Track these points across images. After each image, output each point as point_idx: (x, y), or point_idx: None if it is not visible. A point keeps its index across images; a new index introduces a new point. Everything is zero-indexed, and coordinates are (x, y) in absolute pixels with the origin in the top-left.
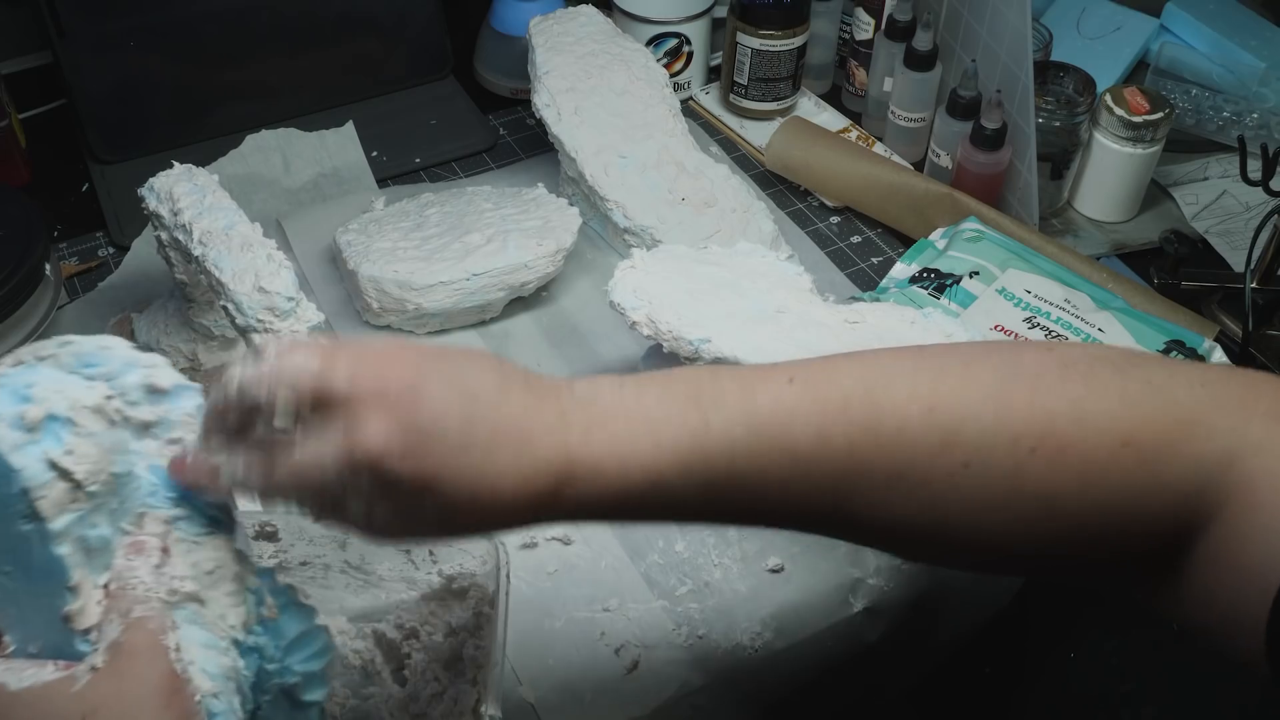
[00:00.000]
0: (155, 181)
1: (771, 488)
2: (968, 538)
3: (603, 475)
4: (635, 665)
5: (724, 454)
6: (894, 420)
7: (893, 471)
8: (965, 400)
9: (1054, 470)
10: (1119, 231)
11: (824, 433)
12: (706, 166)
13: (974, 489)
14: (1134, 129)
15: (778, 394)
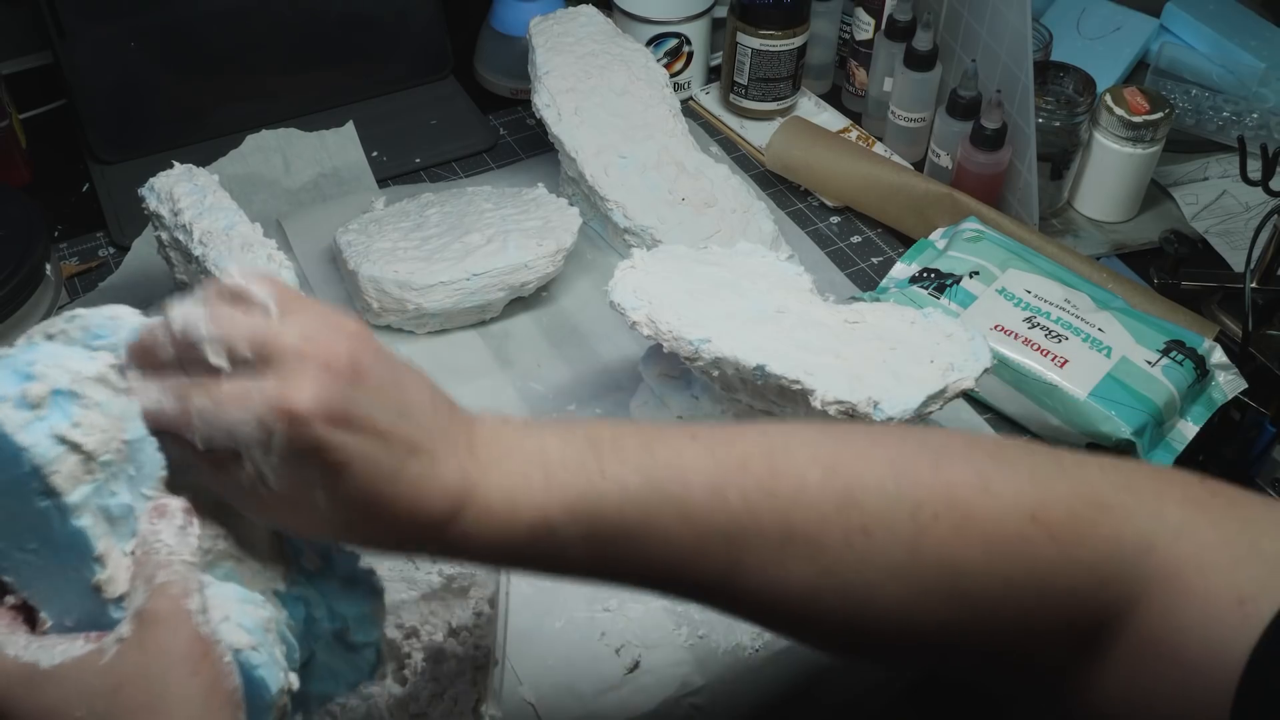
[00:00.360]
0: (155, 181)
1: (660, 542)
2: (865, 610)
3: (492, 512)
4: (635, 665)
5: (614, 503)
6: (792, 480)
7: (787, 532)
8: (867, 466)
9: (957, 539)
10: (1119, 231)
11: (719, 488)
12: (706, 166)
13: (873, 555)
14: (1134, 129)
15: (678, 448)
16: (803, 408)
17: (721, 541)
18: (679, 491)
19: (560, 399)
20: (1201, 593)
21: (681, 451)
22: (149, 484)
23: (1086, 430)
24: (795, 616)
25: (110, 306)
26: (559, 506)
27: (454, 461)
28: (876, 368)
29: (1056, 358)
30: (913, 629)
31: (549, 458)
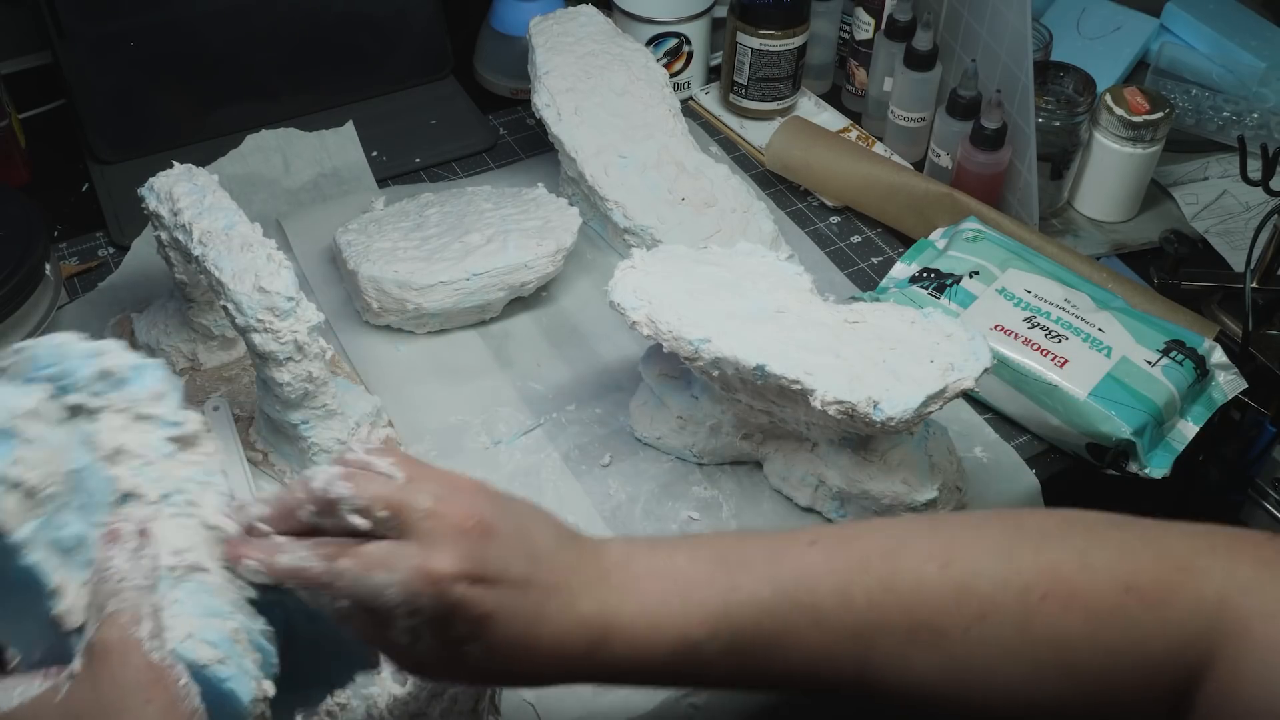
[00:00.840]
0: (155, 181)
1: (796, 648)
2: (986, 693)
3: (636, 637)
4: None
5: (751, 615)
6: (911, 576)
7: (912, 626)
8: (977, 555)
9: (1064, 616)
10: (1119, 231)
11: (845, 591)
12: (706, 166)
13: (989, 639)
14: (1134, 129)
15: (801, 556)
16: (802, 408)
17: (851, 641)
18: (808, 599)
19: (560, 399)
20: (1264, 640)
21: (805, 558)
22: (100, 510)
23: (1086, 430)
24: (923, 702)
25: (56, 335)
26: (699, 625)
27: (590, 594)
28: (876, 368)
29: (1056, 358)
30: (1029, 704)
31: (681, 577)
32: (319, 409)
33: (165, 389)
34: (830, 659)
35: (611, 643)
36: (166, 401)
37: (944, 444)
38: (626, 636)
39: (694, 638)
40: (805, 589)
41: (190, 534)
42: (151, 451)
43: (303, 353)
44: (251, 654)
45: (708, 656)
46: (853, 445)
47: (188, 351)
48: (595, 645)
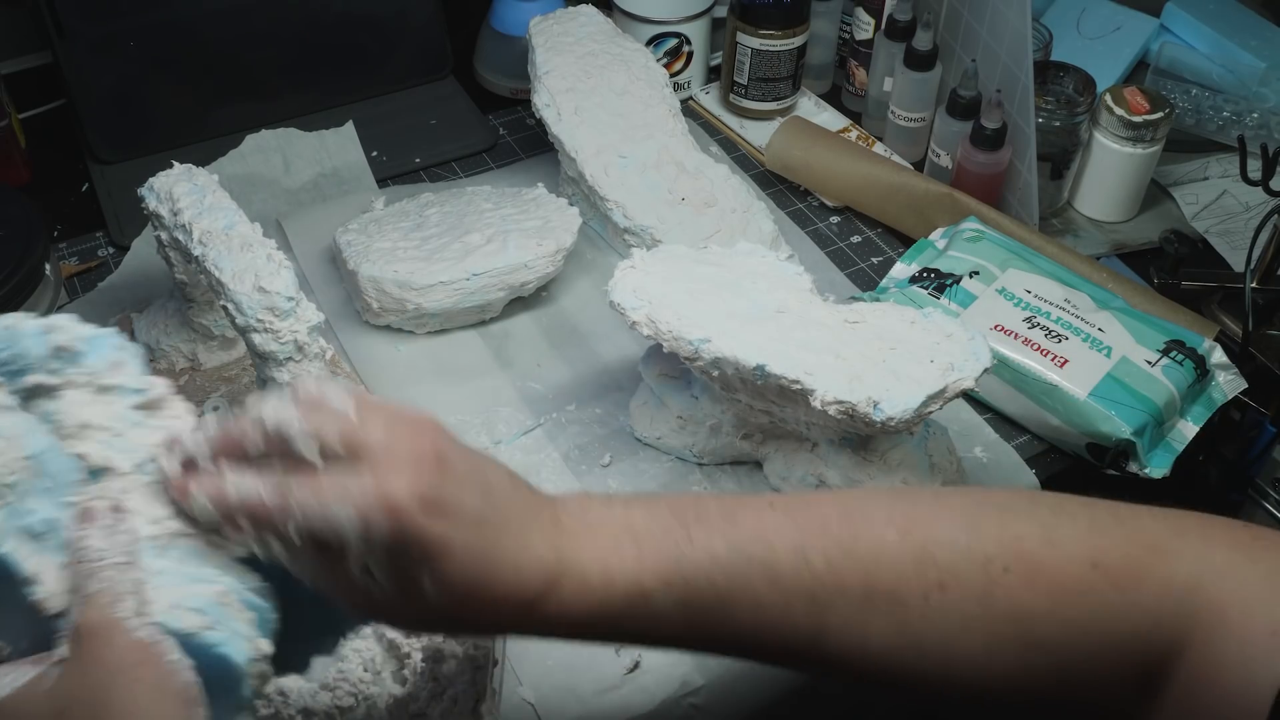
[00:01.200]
0: (155, 181)
1: (750, 606)
2: (943, 665)
3: (588, 584)
4: (635, 665)
5: (705, 568)
6: (870, 540)
7: (869, 591)
8: (940, 524)
9: (1027, 590)
10: (1119, 231)
11: (802, 551)
12: (706, 166)
13: (948, 609)
14: (1134, 129)
15: (759, 515)
16: (802, 408)
17: (807, 602)
18: (764, 555)
19: (560, 399)
20: (1240, 627)
21: (762, 518)
22: (67, 491)
23: (1086, 430)
24: (878, 673)
25: (5, 317)
26: (653, 575)
27: (543, 537)
28: (876, 368)
29: (1056, 358)
30: (988, 680)
31: (637, 528)
32: None
33: (123, 357)
34: (785, 621)
35: (563, 588)
36: (127, 370)
37: (944, 444)
38: (579, 582)
39: (647, 587)
40: (762, 546)
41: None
42: (119, 422)
43: (303, 353)
44: (243, 614)
45: (660, 609)
46: (853, 445)
47: (188, 351)
48: (547, 589)
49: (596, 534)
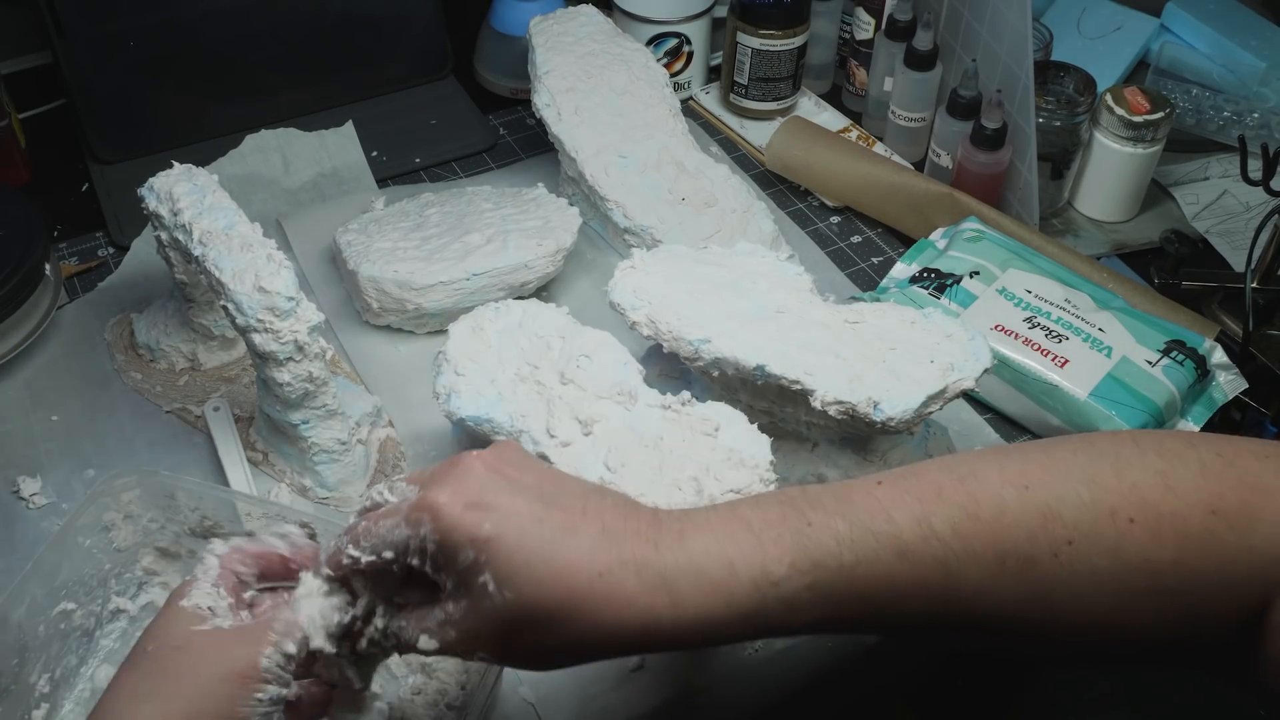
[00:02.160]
0: (155, 181)
1: (882, 581)
2: (1074, 618)
3: (707, 577)
4: (636, 665)
5: (830, 550)
6: (991, 502)
7: (999, 553)
8: (1055, 479)
9: (1153, 540)
10: (1119, 231)
11: (925, 521)
12: (706, 166)
13: (1078, 565)
14: (1134, 129)
15: (870, 492)
16: (802, 408)
17: (939, 572)
18: (888, 529)
19: None
20: None
21: (875, 494)
22: None
23: (1087, 430)
24: (1008, 634)
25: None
26: (777, 561)
27: (640, 538)
28: (876, 368)
29: (1057, 358)
30: (1117, 631)
31: (749, 519)
32: (319, 409)
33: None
34: (918, 593)
35: (678, 587)
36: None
37: (944, 444)
38: (697, 577)
39: (774, 574)
40: (884, 520)
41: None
42: None
43: (303, 353)
44: None
45: (790, 594)
46: (853, 445)
47: (188, 351)
48: (655, 589)
49: (705, 530)
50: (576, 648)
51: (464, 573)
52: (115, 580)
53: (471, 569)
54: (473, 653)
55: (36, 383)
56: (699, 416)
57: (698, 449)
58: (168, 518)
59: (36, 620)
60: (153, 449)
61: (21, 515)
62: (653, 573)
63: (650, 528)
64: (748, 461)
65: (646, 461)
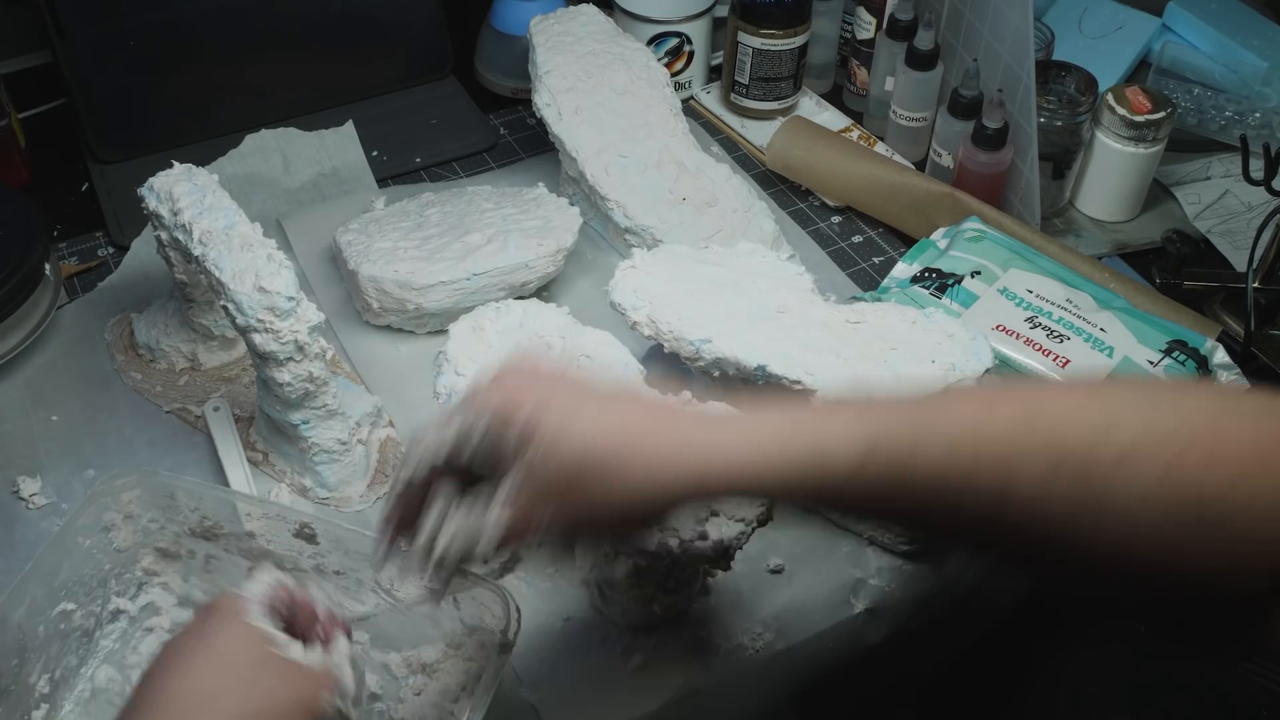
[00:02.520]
0: (155, 181)
1: (935, 469)
2: (1120, 535)
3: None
4: (637, 666)
5: (886, 432)
6: (1053, 410)
7: (1056, 458)
8: (1119, 397)
9: (1208, 467)
10: (1121, 231)
11: (986, 422)
12: (707, 166)
13: (1131, 480)
14: (1136, 128)
15: (930, 397)
16: None
17: (994, 467)
18: (947, 426)
19: None
20: None
21: (935, 398)
22: None
23: None
24: (1057, 543)
25: None
26: (833, 432)
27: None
28: (878, 368)
29: (1058, 358)
30: (1158, 557)
31: (809, 406)
32: (319, 409)
33: None
34: (970, 484)
35: (733, 442)
36: None
37: None
38: (752, 432)
39: (829, 443)
40: (943, 416)
41: None
42: None
43: (303, 353)
44: None
45: (841, 467)
46: None
47: (188, 351)
48: (709, 440)
49: (765, 410)
50: (634, 496)
51: (525, 430)
52: (115, 580)
53: (530, 424)
54: (539, 516)
55: (36, 383)
56: None
57: None
58: (168, 518)
59: (36, 620)
60: (153, 449)
61: (21, 515)
62: (710, 425)
63: (702, 415)
64: None
65: None
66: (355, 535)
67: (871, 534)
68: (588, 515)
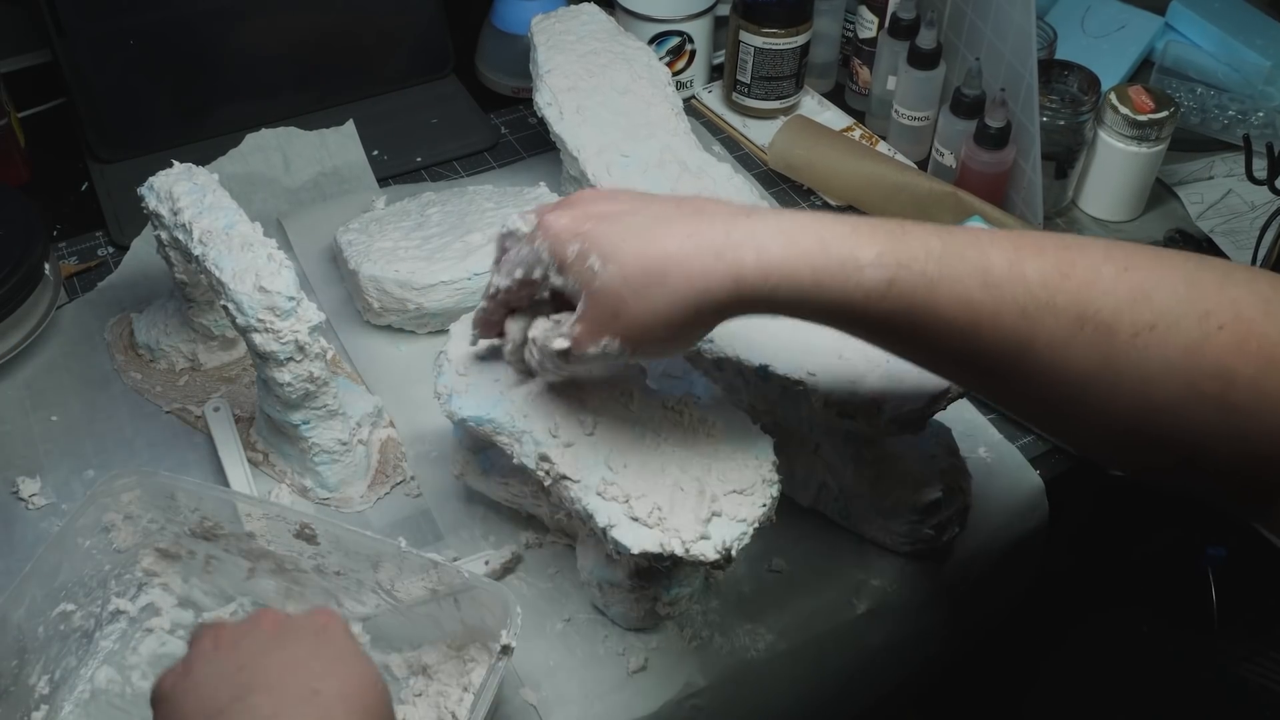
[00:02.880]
0: (155, 181)
1: (959, 303)
2: (1136, 401)
3: (796, 243)
4: (637, 667)
5: (918, 256)
6: (1087, 268)
7: (1081, 315)
8: (1160, 270)
9: (1236, 352)
10: (1124, 231)
11: (1018, 264)
12: (709, 166)
13: (1154, 350)
14: (1139, 128)
15: (973, 231)
16: (805, 409)
17: (1016, 313)
18: (979, 259)
19: None
20: None
21: (978, 234)
22: None
23: None
24: (1070, 403)
25: None
26: (869, 248)
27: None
28: (879, 369)
29: None
30: (1174, 430)
31: (846, 217)
32: (320, 409)
33: None
34: (993, 325)
35: (767, 247)
36: None
37: (948, 444)
38: (784, 241)
39: (861, 259)
40: (977, 251)
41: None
42: None
43: (303, 353)
44: None
45: (870, 282)
46: (856, 446)
47: (188, 352)
48: (741, 247)
49: (800, 213)
50: (678, 305)
51: (575, 264)
52: (115, 581)
53: (579, 258)
54: (599, 340)
55: (36, 383)
56: (701, 417)
57: (700, 449)
58: (168, 518)
59: (36, 621)
60: (153, 449)
61: (21, 516)
62: (743, 232)
63: (744, 210)
64: (750, 462)
65: (648, 462)
66: (356, 536)
67: (874, 535)
68: (640, 333)
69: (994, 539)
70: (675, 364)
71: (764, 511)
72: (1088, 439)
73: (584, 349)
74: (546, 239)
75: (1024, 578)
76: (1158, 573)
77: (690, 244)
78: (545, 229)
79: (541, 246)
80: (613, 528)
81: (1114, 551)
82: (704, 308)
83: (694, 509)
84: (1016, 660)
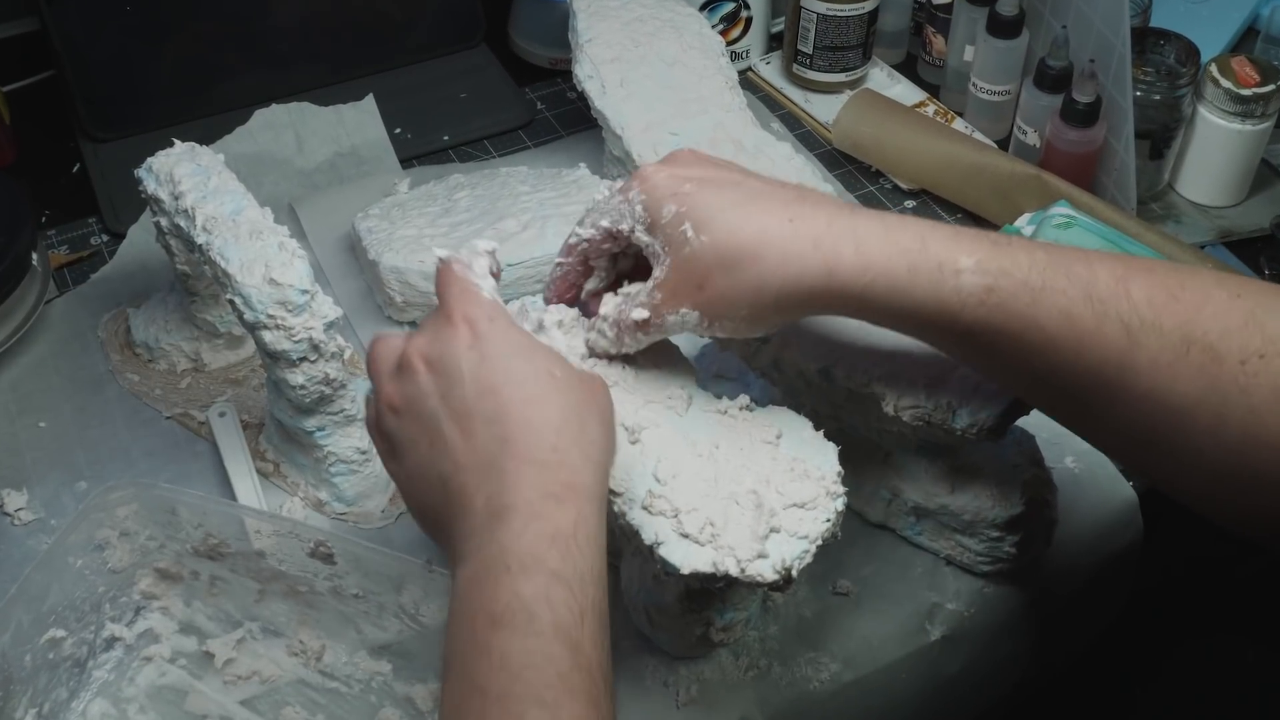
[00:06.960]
0: (154, 162)
1: (1059, 316)
2: (1239, 436)
3: (896, 241)
4: (689, 699)
5: (1020, 265)
6: (1197, 292)
7: (1186, 337)
8: (1271, 296)
9: None
10: (1225, 217)
11: (1125, 281)
12: (767, 145)
13: (1263, 379)
14: (1242, 103)
15: (1080, 250)
16: (873, 414)
17: (1119, 330)
18: (1084, 273)
19: None
20: None
21: (1084, 250)
22: None
23: None
24: (1170, 432)
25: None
26: (967, 254)
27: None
28: (956, 369)
29: None
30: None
31: (951, 225)
32: (336, 415)
33: None
34: (1094, 341)
35: (866, 242)
36: None
37: (1031, 453)
38: (885, 238)
39: (960, 263)
40: (1083, 265)
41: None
42: None
43: (318, 352)
44: None
45: (969, 289)
46: (930, 455)
47: (190, 351)
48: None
49: (904, 216)
50: (766, 288)
51: (667, 226)
52: (110, 605)
53: (674, 221)
54: (677, 307)
55: (22, 385)
56: (759, 422)
57: (757, 458)
58: (168, 535)
59: (23, 649)
60: (151, 459)
61: (6, 532)
62: (843, 224)
63: (848, 205)
64: (813, 472)
65: (700, 472)
66: (376, 555)
67: (949, 553)
68: (722, 310)
69: (1082, 557)
70: (729, 365)
71: (828, 527)
72: (1186, 477)
73: (662, 316)
74: (643, 191)
75: (1115, 600)
76: (1262, 595)
77: (790, 228)
78: (643, 180)
79: (636, 198)
80: (660, 545)
81: (1214, 572)
82: (792, 295)
83: (750, 525)
84: (1107, 692)
